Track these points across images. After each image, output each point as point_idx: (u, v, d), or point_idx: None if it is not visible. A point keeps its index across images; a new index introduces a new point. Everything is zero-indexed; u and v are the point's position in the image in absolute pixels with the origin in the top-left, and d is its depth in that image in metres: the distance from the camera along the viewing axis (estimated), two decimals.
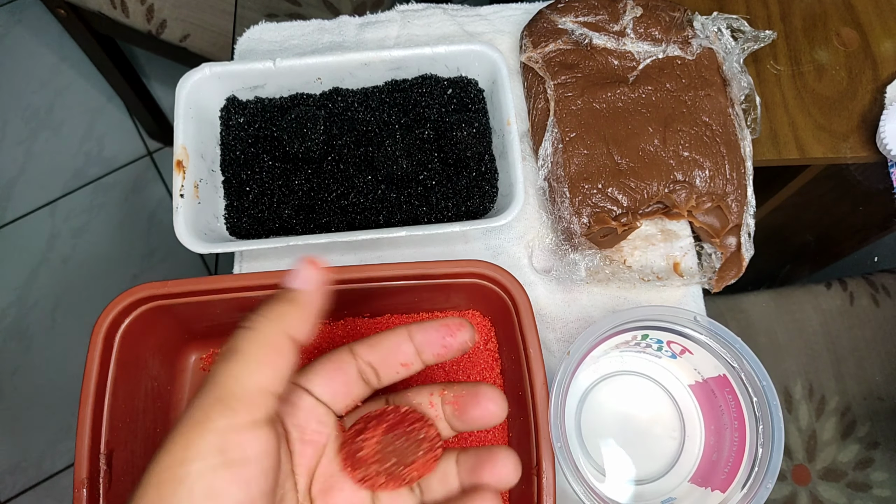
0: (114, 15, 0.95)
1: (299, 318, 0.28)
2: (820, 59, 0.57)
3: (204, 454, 0.24)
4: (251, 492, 0.25)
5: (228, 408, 0.25)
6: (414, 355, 0.31)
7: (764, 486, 0.40)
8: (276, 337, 0.27)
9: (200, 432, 0.25)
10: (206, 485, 0.24)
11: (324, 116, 0.51)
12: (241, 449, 0.25)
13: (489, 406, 0.31)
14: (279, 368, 0.27)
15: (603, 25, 0.53)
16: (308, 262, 0.28)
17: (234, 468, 0.24)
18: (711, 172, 0.49)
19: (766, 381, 0.41)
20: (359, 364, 0.31)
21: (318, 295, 0.28)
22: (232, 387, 0.26)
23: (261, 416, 0.26)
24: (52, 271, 1.31)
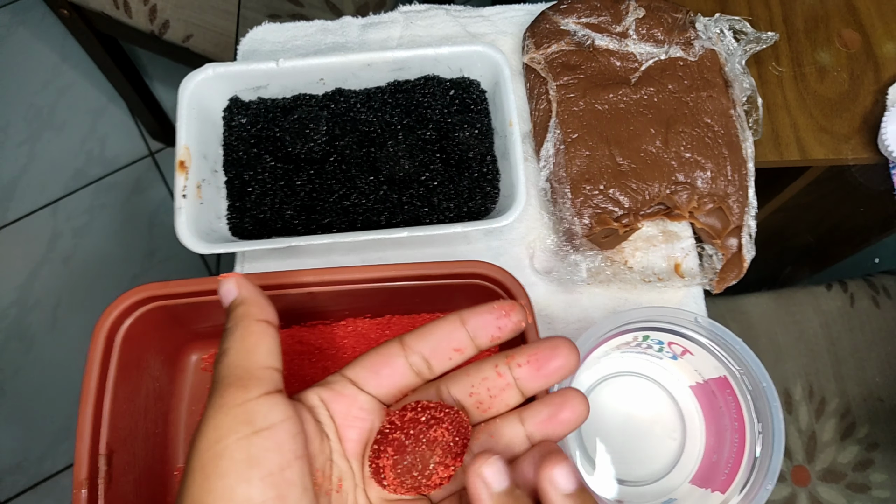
0: (116, 15, 0.95)
1: (256, 306, 0.31)
2: (822, 60, 0.57)
3: (234, 428, 0.26)
4: (285, 454, 0.27)
5: (241, 387, 0.28)
6: (467, 340, 0.32)
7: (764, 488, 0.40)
8: (252, 326, 0.30)
9: (225, 411, 0.27)
10: (244, 453, 0.26)
11: (326, 117, 0.51)
12: (264, 417, 0.27)
13: (569, 355, 0.31)
14: (268, 346, 0.30)
15: (605, 27, 0.53)
16: (222, 278, 0.32)
17: (263, 434, 0.27)
18: (713, 174, 0.49)
19: (767, 383, 0.41)
20: (409, 356, 0.32)
21: (252, 286, 0.32)
22: (237, 371, 0.28)
23: (271, 388, 0.28)
24: (54, 271, 1.31)
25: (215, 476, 0.26)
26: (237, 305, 0.31)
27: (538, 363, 0.31)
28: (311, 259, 0.52)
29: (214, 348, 0.48)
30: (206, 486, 0.26)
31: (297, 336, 0.47)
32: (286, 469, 0.27)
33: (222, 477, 0.26)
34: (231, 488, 0.25)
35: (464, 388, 0.32)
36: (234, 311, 0.31)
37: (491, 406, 0.32)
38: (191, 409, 0.47)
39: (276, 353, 0.30)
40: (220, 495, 0.25)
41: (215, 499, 0.25)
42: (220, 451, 0.26)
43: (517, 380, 0.31)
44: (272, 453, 0.27)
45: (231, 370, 0.28)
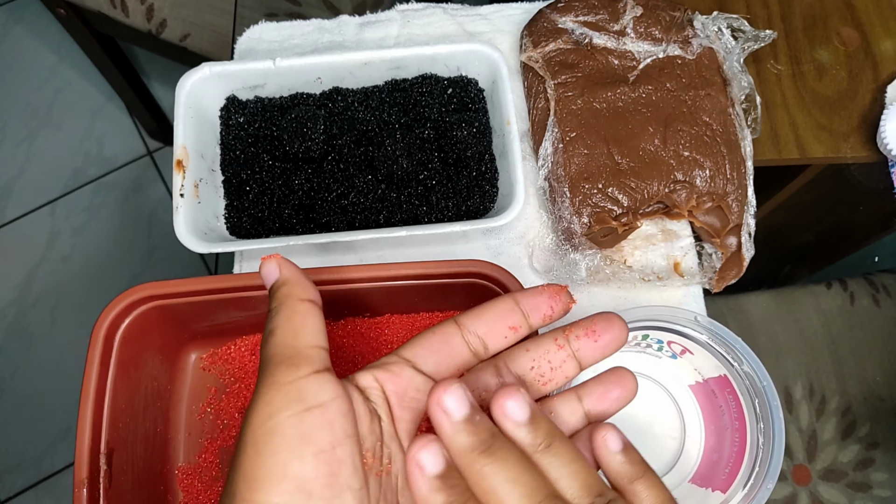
0: (114, 14, 0.95)
1: (300, 286, 0.31)
2: (820, 58, 0.57)
3: (287, 405, 0.27)
4: (336, 432, 0.27)
5: (292, 365, 0.28)
6: (522, 319, 0.33)
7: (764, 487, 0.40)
8: (297, 306, 0.30)
9: (277, 388, 0.27)
10: (296, 430, 0.26)
11: (324, 116, 0.51)
12: (315, 395, 0.27)
13: (622, 327, 0.33)
14: (313, 326, 0.30)
15: (603, 25, 0.53)
16: (264, 259, 0.32)
17: (315, 412, 0.27)
18: (712, 172, 0.49)
19: (767, 382, 0.41)
20: (465, 334, 0.32)
21: (294, 267, 0.32)
22: (286, 350, 0.29)
23: (320, 367, 0.29)
24: (52, 271, 1.31)
25: (268, 452, 0.26)
26: (280, 286, 0.31)
27: (595, 334, 0.33)
28: (309, 258, 0.52)
29: (214, 347, 0.48)
30: (259, 462, 0.26)
31: None
32: (337, 447, 0.27)
33: (275, 453, 0.26)
34: (284, 464, 0.26)
35: (524, 363, 0.33)
36: (278, 292, 0.31)
37: (552, 378, 0.33)
38: (190, 408, 0.47)
39: (322, 332, 0.30)
40: (273, 471, 0.26)
41: (268, 474, 0.26)
42: (272, 427, 0.26)
43: (576, 352, 0.33)
44: (323, 431, 0.27)
45: (280, 349, 0.29)
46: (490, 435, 0.27)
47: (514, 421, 0.28)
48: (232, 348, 0.48)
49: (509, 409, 0.28)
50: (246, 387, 0.47)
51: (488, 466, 0.26)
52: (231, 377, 0.47)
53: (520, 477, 0.26)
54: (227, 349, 0.48)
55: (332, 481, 0.26)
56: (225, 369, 0.48)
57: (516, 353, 0.33)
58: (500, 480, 0.26)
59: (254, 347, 0.48)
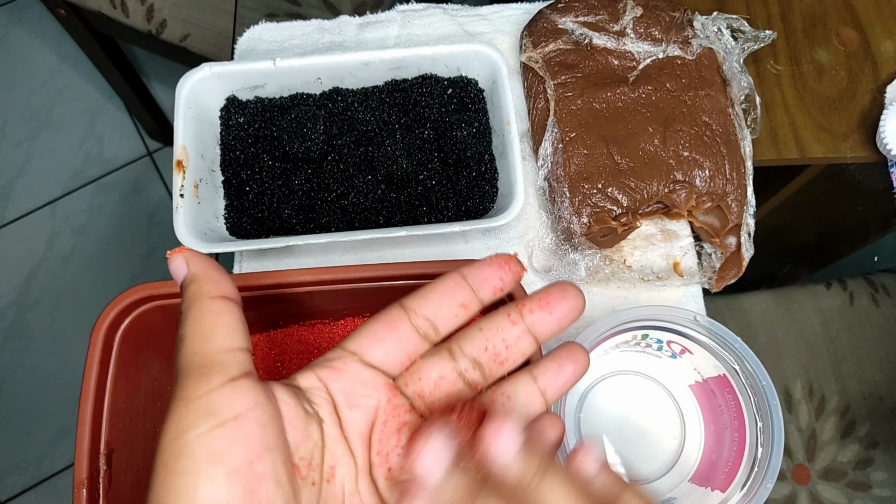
0: (114, 15, 0.95)
1: (209, 282, 0.28)
2: (820, 58, 0.57)
3: (196, 422, 0.25)
4: (254, 446, 0.25)
5: (202, 376, 0.26)
6: (471, 294, 0.31)
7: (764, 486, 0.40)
8: (206, 304, 0.28)
9: (185, 404, 0.25)
10: (206, 449, 0.24)
11: (324, 116, 0.51)
12: (229, 407, 0.25)
13: (577, 297, 0.31)
14: (228, 325, 0.27)
15: (603, 25, 0.53)
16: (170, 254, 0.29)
17: (228, 426, 0.25)
18: (711, 172, 0.49)
19: (766, 381, 0.41)
20: (412, 318, 0.30)
21: (204, 260, 0.29)
22: (196, 358, 0.26)
23: (236, 373, 0.26)
24: (52, 271, 1.31)
25: (177, 474, 0.24)
26: (189, 283, 0.28)
27: (549, 306, 0.31)
28: (310, 258, 0.52)
29: None
30: (168, 485, 0.24)
31: (296, 335, 0.47)
32: (255, 462, 0.25)
33: (184, 475, 0.24)
34: (193, 487, 0.24)
35: (479, 343, 0.31)
36: (187, 291, 0.28)
37: (508, 357, 0.31)
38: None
39: (239, 330, 0.28)
40: (183, 494, 0.24)
41: (177, 497, 0.24)
42: (180, 447, 0.24)
43: (531, 326, 0.31)
44: (238, 446, 0.25)
45: (189, 359, 0.26)
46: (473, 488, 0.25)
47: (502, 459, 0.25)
48: None
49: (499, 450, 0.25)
50: None
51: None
52: None
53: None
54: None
55: (250, 500, 0.24)
56: None
57: (469, 332, 0.31)
58: None
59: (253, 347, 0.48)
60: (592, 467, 0.27)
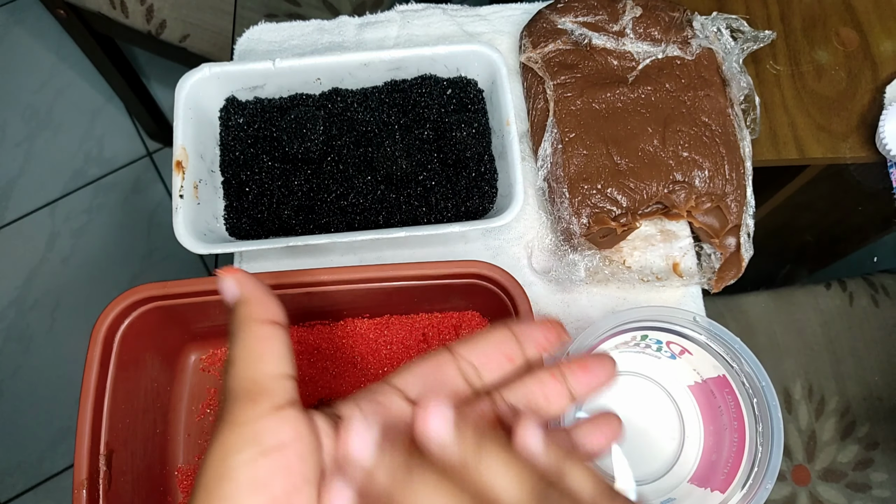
0: (113, 15, 0.95)
1: (261, 305, 0.29)
2: (819, 59, 0.57)
3: (241, 447, 0.25)
4: (293, 477, 0.25)
5: (250, 401, 0.26)
6: (518, 350, 0.32)
7: (763, 487, 0.40)
8: (256, 329, 0.28)
9: (232, 428, 0.25)
10: (249, 475, 0.25)
11: (323, 117, 0.51)
12: (273, 434, 0.25)
13: (611, 363, 0.32)
14: (276, 352, 0.28)
15: (602, 25, 0.53)
16: (221, 274, 0.30)
17: (271, 455, 0.25)
18: (711, 173, 0.49)
19: (766, 382, 0.41)
20: (459, 363, 0.31)
21: (255, 282, 0.29)
22: (245, 383, 0.27)
23: (282, 401, 0.27)
24: (52, 271, 1.31)
25: (218, 497, 0.24)
26: (239, 306, 0.29)
27: (585, 368, 0.32)
28: (309, 259, 0.52)
29: (213, 348, 0.48)
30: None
31: (296, 336, 0.47)
32: (293, 494, 0.25)
33: (224, 499, 0.24)
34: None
35: (520, 394, 0.31)
36: (237, 313, 0.29)
37: (546, 409, 0.31)
38: (190, 408, 0.47)
39: (287, 357, 0.28)
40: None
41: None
42: (224, 471, 0.25)
43: (569, 383, 0.32)
44: (279, 476, 0.25)
45: (239, 382, 0.27)
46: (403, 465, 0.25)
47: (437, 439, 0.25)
48: None
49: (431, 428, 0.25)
50: None
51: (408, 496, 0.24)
52: None
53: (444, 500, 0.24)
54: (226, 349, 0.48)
55: None
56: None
57: (512, 384, 0.32)
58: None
59: None
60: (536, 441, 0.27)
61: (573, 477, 0.27)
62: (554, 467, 0.27)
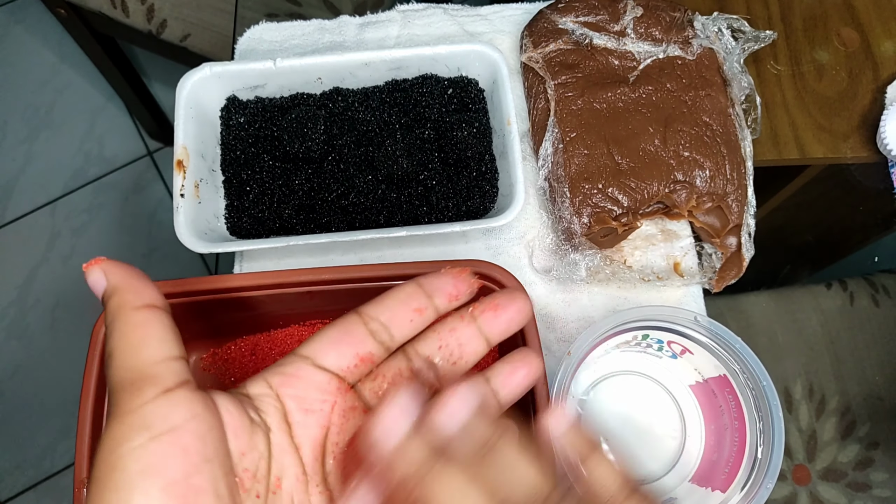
0: (114, 15, 0.95)
1: (133, 292, 0.27)
2: (820, 59, 0.57)
3: (130, 435, 0.24)
4: (191, 458, 0.24)
5: (135, 389, 0.25)
6: (426, 300, 0.31)
7: (764, 486, 0.40)
8: (131, 316, 0.27)
9: (120, 419, 0.24)
10: (139, 463, 0.24)
11: (324, 116, 0.51)
12: (164, 419, 0.24)
13: (524, 300, 0.32)
14: (157, 335, 0.27)
15: (603, 25, 0.53)
16: (86, 267, 0.28)
17: (164, 439, 0.24)
18: (712, 172, 0.49)
19: (767, 381, 0.41)
20: (368, 324, 0.31)
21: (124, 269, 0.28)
22: (128, 373, 0.25)
23: (171, 384, 0.25)
24: (53, 271, 1.31)
25: (110, 489, 0.23)
26: (110, 296, 0.27)
27: (498, 308, 0.32)
28: (310, 258, 0.52)
29: (213, 348, 0.48)
30: (101, 501, 0.23)
31: (297, 336, 0.47)
32: (193, 475, 0.24)
33: (117, 490, 0.23)
34: (126, 502, 0.23)
35: (432, 343, 0.31)
36: (109, 303, 0.27)
37: (461, 356, 0.31)
38: None
39: (170, 339, 0.27)
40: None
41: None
42: (114, 461, 0.24)
43: (481, 328, 0.32)
44: (175, 459, 0.24)
45: (121, 373, 0.25)
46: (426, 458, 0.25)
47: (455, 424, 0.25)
48: (232, 348, 0.48)
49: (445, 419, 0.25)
50: None
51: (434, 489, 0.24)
52: (231, 377, 0.47)
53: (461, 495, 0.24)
54: (227, 349, 0.48)
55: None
56: (225, 369, 0.48)
57: (425, 333, 0.32)
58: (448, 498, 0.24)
59: (254, 347, 0.48)
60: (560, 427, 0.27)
61: (595, 471, 0.27)
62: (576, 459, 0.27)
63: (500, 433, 0.26)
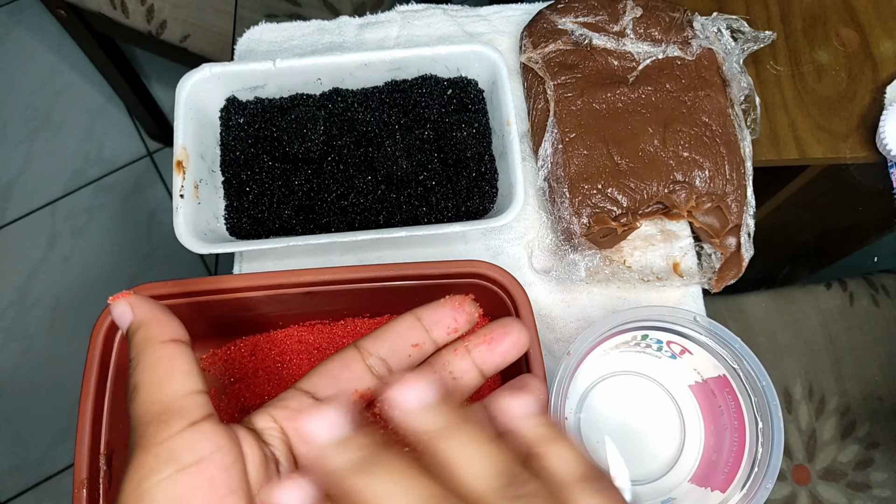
0: (114, 15, 0.95)
1: (159, 325, 0.28)
2: (820, 59, 0.57)
3: (158, 468, 0.24)
4: (217, 490, 0.25)
5: (162, 422, 0.25)
6: (424, 335, 0.32)
7: (764, 487, 0.40)
8: (157, 350, 0.27)
9: (147, 450, 0.25)
10: (168, 494, 0.24)
11: (324, 117, 0.51)
12: (191, 452, 0.25)
13: (520, 332, 0.32)
14: (182, 369, 0.27)
15: (603, 26, 0.53)
16: (112, 300, 0.29)
17: (191, 471, 0.25)
18: (711, 173, 0.49)
19: (766, 382, 0.41)
20: (366, 359, 0.31)
21: (149, 303, 0.29)
22: (155, 406, 0.26)
23: (197, 416, 0.26)
24: (53, 271, 1.31)
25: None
26: (136, 329, 0.28)
27: (492, 341, 0.32)
28: (309, 259, 0.52)
29: (213, 348, 0.48)
30: None
31: (297, 335, 0.47)
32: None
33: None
34: None
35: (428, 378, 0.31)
36: (135, 337, 0.28)
37: (455, 389, 0.32)
38: None
39: (195, 373, 0.28)
40: None
41: None
42: (141, 493, 0.24)
43: (475, 360, 0.32)
44: (201, 491, 0.24)
45: (147, 407, 0.26)
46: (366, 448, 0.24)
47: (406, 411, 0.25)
48: (232, 348, 0.48)
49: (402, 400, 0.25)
50: (246, 387, 0.47)
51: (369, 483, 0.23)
52: (231, 377, 0.47)
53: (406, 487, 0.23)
54: (227, 349, 0.48)
55: None
56: (225, 370, 0.48)
57: (419, 368, 0.32)
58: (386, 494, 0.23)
59: (253, 348, 0.48)
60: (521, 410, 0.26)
61: (555, 456, 0.26)
62: (531, 445, 0.26)
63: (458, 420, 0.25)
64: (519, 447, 0.26)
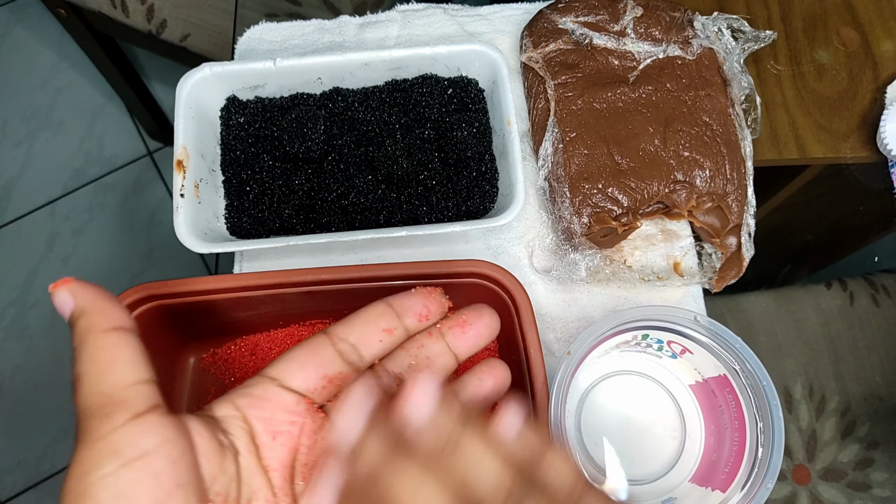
0: (114, 15, 0.95)
1: (101, 313, 0.27)
2: (820, 59, 0.57)
3: (100, 463, 0.23)
4: (164, 484, 0.24)
5: (104, 415, 0.24)
6: (396, 320, 0.32)
7: (764, 486, 0.40)
8: (99, 339, 0.26)
9: (89, 445, 0.24)
10: (110, 490, 0.23)
11: (324, 116, 0.51)
12: (135, 445, 0.24)
13: (491, 317, 0.33)
14: (126, 359, 0.26)
15: (603, 25, 0.53)
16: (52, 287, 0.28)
17: (135, 465, 0.24)
18: (712, 172, 0.49)
19: (767, 381, 0.41)
20: (336, 345, 0.31)
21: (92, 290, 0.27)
22: (97, 398, 0.25)
23: (141, 408, 0.25)
24: (53, 271, 1.31)
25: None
26: (78, 318, 0.27)
27: (465, 324, 0.33)
28: (310, 258, 0.52)
29: (213, 348, 0.48)
30: None
31: (297, 335, 0.47)
32: (166, 501, 0.24)
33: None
34: None
35: (402, 360, 0.32)
36: (77, 326, 0.26)
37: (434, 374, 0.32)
38: (190, 408, 0.47)
39: (140, 362, 0.26)
40: None
41: None
42: (82, 490, 0.23)
43: (449, 343, 0.32)
44: (146, 486, 0.23)
45: (89, 399, 0.25)
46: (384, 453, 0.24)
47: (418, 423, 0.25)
48: (232, 348, 0.48)
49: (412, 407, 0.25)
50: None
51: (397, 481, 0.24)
52: (231, 377, 0.47)
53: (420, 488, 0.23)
54: (227, 349, 0.48)
55: None
56: (225, 369, 0.48)
57: (395, 352, 0.32)
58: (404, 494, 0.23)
59: (254, 347, 0.48)
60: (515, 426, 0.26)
61: (551, 469, 0.26)
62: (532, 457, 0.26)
63: (463, 426, 0.25)
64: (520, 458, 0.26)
